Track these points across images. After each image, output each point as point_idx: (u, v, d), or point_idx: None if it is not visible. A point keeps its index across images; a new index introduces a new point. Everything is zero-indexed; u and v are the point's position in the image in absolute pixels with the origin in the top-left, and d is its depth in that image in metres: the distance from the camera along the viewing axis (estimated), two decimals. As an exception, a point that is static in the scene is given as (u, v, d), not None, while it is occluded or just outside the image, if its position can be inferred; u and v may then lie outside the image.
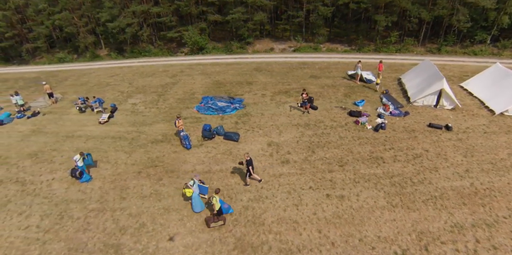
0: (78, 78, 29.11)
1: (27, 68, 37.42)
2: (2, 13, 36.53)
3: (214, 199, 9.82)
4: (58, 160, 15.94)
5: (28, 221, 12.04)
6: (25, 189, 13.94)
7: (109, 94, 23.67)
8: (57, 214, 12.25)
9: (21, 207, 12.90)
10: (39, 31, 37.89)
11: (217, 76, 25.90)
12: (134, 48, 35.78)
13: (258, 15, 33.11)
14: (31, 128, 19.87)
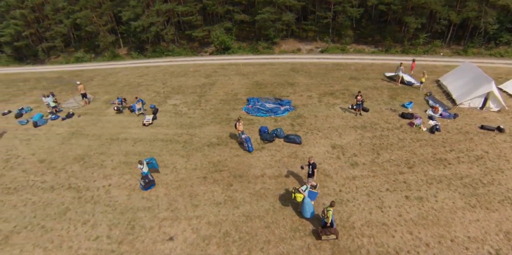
0: (105, 78, 28.33)
1: (44, 67, 36.58)
2: (20, 12, 35.71)
3: (329, 212, 9.34)
4: (109, 165, 15.16)
5: (96, 231, 11.26)
6: (82, 196, 13.17)
7: (144, 95, 22.92)
8: (126, 224, 11.49)
9: (82, 215, 12.12)
10: (57, 30, 37.07)
11: (255, 77, 25.24)
12: (156, 47, 35.03)
13: (286, 15, 32.63)
14: (69, 130, 19.08)
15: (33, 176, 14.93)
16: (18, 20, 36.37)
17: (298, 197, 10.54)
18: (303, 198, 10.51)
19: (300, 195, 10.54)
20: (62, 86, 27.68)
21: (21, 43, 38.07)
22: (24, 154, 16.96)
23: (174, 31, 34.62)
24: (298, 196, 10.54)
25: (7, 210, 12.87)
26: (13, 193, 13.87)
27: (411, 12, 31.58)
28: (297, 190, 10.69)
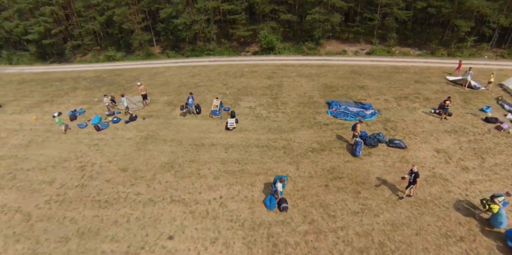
0: (152, 78, 26.96)
1: (74, 66, 35.05)
2: (50, 9, 34.27)
3: None
4: (208, 174, 13.80)
5: (233, 251, 9.91)
6: (194, 211, 11.79)
7: (209, 96, 21.62)
8: (265, 241, 10.21)
9: (205, 233, 10.75)
10: (88, 27, 35.63)
11: (320, 79, 24.16)
12: (195, 46, 33.73)
13: (334, 16, 31.81)
14: (139, 134, 17.68)
15: (121, 187, 13.49)
16: (47, 17, 34.84)
17: (494, 208, 10.04)
18: (499, 209, 10.00)
19: (496, 206, 10.01)
20: (107, 85, 26.25)
21: (49, 41, 36.54)
22: (99, 161, 15.51)
23: (216, 30, 33.33)
24: (494, 207, 10.04)
25: (108, 227, 11.44)
26: (107, 207, 12.42)
27: (460, 15, 31.25)
28: (491, 201, 10.11)
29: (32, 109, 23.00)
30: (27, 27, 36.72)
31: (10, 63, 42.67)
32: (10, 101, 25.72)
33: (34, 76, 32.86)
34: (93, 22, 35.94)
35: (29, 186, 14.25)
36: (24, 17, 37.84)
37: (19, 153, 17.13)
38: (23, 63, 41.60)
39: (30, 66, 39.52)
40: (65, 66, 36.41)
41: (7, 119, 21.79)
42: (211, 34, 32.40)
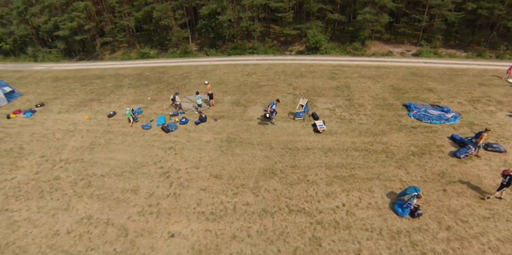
0: (203, 76, 25.55)
1: (108, 63, 33.63)
2: (85, 4, 32.95)
3: None
4: (318, 180, 12.43)
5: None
6: (321, 221, 10.63)
7: (279, 96, 20.21)
8: (411, 250, 9.39)
9: (345, 244, 9.50)
10: (122, 23, 34.27)
11: (384, 81, 22.94)
12: (238, 44, 32.35)
13: (383, 16, 30.64)
14: (217, 136, 16.25)
15: (223, 196, 11.99)
16: (82, 12, 33.50)
17: None
18: None
19: None
20: (155, 83, 24.83)
21: (80, 37, 35.15)
22: (183, 167, 14.03)
23: (261, 28, 32.01)
24: None
25: (228, 243, 9.98)
26: (216, 219, 10.92)
27: (510, 17, 30.22)
28: None
29: (80, 108, 21.51)
30: (58, 23, 35.34)
31: (35, 60, 41.29)
32: (52, 99, 24.25)
33: (67, 74, 31.43)
34: (127, 18, 34.58)
35: (110, 195, 12.70)
36: (53, 12, 36.50)
37: (84, 157, 15.61)
38: (48, 60, 40.23)
39: (57, 63, 38.14)
40: (96, 63, 35.04)
41: (57, 119, 20.31)
42: (257, 32, 31.03)
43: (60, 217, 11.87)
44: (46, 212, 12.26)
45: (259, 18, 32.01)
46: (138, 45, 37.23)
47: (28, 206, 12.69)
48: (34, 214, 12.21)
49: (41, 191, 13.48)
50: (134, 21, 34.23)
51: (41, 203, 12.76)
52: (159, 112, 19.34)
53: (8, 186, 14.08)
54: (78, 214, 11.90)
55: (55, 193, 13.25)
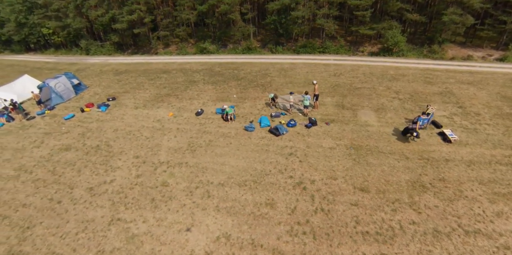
0: (284, 75, 23.48)
1: (167, 58, 32.12)
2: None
3: None
4: (478, 197, 10.75)
5: None
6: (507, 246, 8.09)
7: (384, 100, 17.84)
8: None
9: None
10: (183, 16, 32.67)
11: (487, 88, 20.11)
12: (308, 42, 30.11)
13: (467, 18, 27.67)
14: (339, 143, 14.20)
15: (381, 213, 10.00)
16: (142, 5, 32.13)
17: None
18: None
19: None
20: (234, 80, 22.95)
21: (138, 30, 33.80)
22: (317, 177, 11.92)
23: (336, 26, 29.67)
24: None
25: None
26: (387, 241, 9.03)
27: None
28: None
29: (158, 104, 19.74)
30: (117, 16, 34.14)
31: (86, 53, 40.48)
32: (121, 93, 22.68)
33: (126, 67, 30.08)
34: (188, 11, 32.97)
35: (242, 209, 10.59)
36: (110, 6, 35.38)
37: (188, 160, 13.64)
38: (100, 54, 39.28)
39: (110, 57, 37.10)
40: (153, 57, 33.69)
41: (136, 115, 18.60)
42: (331, 30, 28.69)
43: (189, 234, 9.82)
44: (168, 226, 10.25)
45: (332, 16, 29.68)
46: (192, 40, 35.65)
47: (143, 217, 10.73)
48: (155, 228, 10.23)
49: (152, 200, 11.52)
50: (196, 15, 32.55)
51: (158, 215, 10.77)
52: (255, 112, 17.27)
53: (111, 190, 12.23)
54: (211, 232, 9.82)
55: (170, 203, 11.24)
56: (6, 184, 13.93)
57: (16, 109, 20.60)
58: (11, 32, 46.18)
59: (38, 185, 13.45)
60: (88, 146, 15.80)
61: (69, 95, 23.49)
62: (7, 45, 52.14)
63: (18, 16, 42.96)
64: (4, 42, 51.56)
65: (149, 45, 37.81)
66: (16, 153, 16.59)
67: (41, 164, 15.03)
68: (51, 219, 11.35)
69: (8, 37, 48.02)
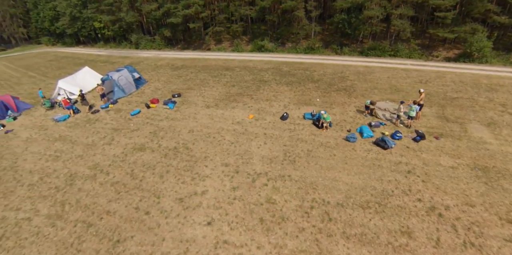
0: (365, 80, 21.17)
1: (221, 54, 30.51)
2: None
3: None
4: None
5: None
6: None
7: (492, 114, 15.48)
8: None
9: None
10: (241, 12, 31.02)
11: None
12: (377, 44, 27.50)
13: None
14: (458, 161, 11.91)
15: None
16: (199, 0, 30.89)
17: None
18: None
19: None
20: (310, 82, 20.94)
21: (194, 25, 32.52)
22: (450, 202, 9.89)
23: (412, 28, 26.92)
24: None
25: None
26: None
27: None
28: None
29: (231, 104, 18.03)
30: (172, 10, 33.06)
31: (136, 47, 39.86)
32: (185, 89, 21.23)
33: (183, 62, 28.80)
34: (247, 7, 31.29)
35: (375, 237, 8.64)
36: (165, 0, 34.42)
37: (290, 173, 11.69)
38: (150, 48, 38.46)
39: (160, 51, 36.27)
40: (206, 53, 32.36)
41: (210, 115, 16.94)
42: (406, 32, 25.96)
43: (323, 271, 7.75)
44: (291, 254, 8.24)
45: (408, 16, 26.95)
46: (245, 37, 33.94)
47: (256, 242, 8.87)
48: (275, 258, 8.24)
49: (260, 220, 9.60)
50: (256, 11, 30.81)
51: (274, 240, 8.85)
52: (348, 119, 15.10)
53: (206, 204, 10.44)
54: (351, 270, 7.69)
55: (284, 226, 9.28)
56: (84, 185, 12.59)
57: (84, 100, 19.63)
58: (65, 26, 46.84)
59: (118, 189, 11.95)
60: (164, 148, 14.24)
61: (130, 89, 22.36)
62: (60, 38, 53.12)
63: (73, 10, 43.32)
64: (58, 35, 52.53)
65: (199, 41, 36.60)
66: (87, 149, 15.36)
67: (116, 164, 13.61)
68: (143, 233, 9.71)
69: (62, 30, 48.79)
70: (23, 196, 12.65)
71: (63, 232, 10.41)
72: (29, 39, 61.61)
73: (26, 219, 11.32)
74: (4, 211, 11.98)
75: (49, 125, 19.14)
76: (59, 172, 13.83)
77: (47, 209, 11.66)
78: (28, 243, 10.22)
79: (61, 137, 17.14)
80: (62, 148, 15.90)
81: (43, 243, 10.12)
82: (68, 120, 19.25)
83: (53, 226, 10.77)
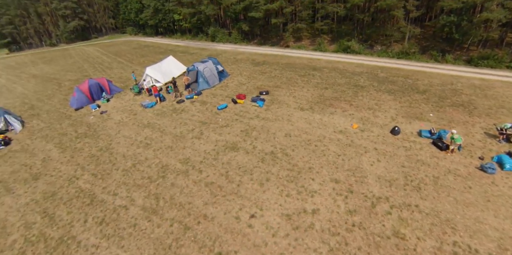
0: (485, 95, 17.43)
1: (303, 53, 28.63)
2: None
3: None
4: None
5: None
6: None
7: None
8: None
9: None
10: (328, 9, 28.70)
11: None
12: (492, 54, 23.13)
13: None
14: None
15: None
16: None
17: None
18: None
19: None
20: (418, 93, 17.99)
21: (276, 20, 31.14)
22: None
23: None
24: None
25: None
26: None
27: None
28: None
29: (328, 109, 16.22)
30: (255, 4, 32.08)
31: (212, 40, 39.99)
32: (272, 87, 20.06)
33: (264, 58, 27.72)
34: (336, 4, 28.89)
35: None
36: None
37: (418, 202, 9.59)
38: (226, 41, 38.21)
39: (237, 45, 35.76)
40: (286, 50, 30.88)
41: (306, 119, 15.30)
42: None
43: None
44: None
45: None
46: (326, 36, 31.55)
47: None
48: None
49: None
50: (346, 9, 28.32)
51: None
52: (477, 144, 12.22)
53: (319, 227, 8.85)
54: None
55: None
56: (176, 180, 11.91)
57: (176, 87, 19.57)
58: (147, 17, 49.67)
59: (214, 191, 10.96)
60: (260, 151, 12.98)
61: (213, 82, 21.81)
62: (141, 29, 56.77)
63: (156, 3, 45.43)
64: (140, 26, 56.19)
65: (277, 37, 35.24)
66: (176, 140, 14.87)
67: (208, 162, 12.73)
68: (248, 250, 8.47)
69: (144, 22, 51.93)
70: (118, 181, 12.47)
71: (159, 230, 9.71)
72: (116, 28, 67.55)
73: (123, 207, 10.96)
74: (103, 193, 11.87)
75: (138, 110, 19.38)
76: (151, 162, 13.47)
77: (142, 200, 11.19)
78: (126, 234, 9.74)
79: (150, 124, 17.07)
80: (151, 136, 15.70)
81: (141, 238, 9.53)
82: (155, 108, 19.28)
83: (149, 220, 10.18)
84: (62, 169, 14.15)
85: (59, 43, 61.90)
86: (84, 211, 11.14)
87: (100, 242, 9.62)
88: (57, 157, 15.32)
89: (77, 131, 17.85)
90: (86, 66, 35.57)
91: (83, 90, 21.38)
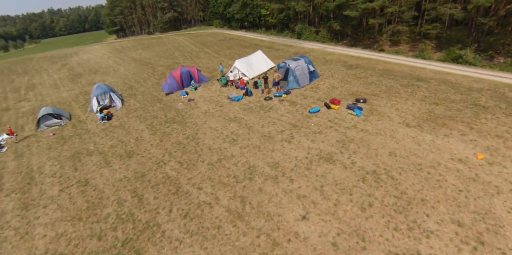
0: None
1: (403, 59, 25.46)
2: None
3: None
4: None
5: None
6: None
7: None
8: None
9: None
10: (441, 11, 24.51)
11: None
12: None
13: None
14: None
15: None
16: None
17: None
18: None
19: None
20: None
21: (374, 21, 28.13)
22: None
23: None
24: None
25: None
26: None
27: None
28: None
29: (441, 129, 13.63)
30: (351, 2, 29.42)
31: (297, 37, 38.59)
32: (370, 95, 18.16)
33: (357, 61, 25.39)
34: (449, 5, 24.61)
35: None
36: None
37: None
38: (313, 40, 36.40)
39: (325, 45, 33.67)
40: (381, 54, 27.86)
41: (417, 138, 12.77)
42: None
43: None
44: None
45: None
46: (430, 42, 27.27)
47: None
48: None
49: None
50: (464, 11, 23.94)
51: None
52: None
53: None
54: None
55: None
56: (264, 185, 11.01)
57: (266, 83, 18.88)
58: (234, 11, 50.89)
59: (307, 207, 9.71)
60: (359, 167, 11.25)
61: (304, 82, 20.50)
62: (227, 22, 58.66)
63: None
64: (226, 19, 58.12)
65: (369, 39, 32.08)
66: (264, 141, 14.03)
67: (300, 171, 11.52)
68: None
69: (231, 15, 53.41)
70: (203, 175, 12.16)
71: (245, 239, 8.89)
72: (203, 21, 72.23)
73: (208, 204, 10.51)
74: (188, 185, 11.67)
75: (224, 102, 19.23)
76: (237, 159, 12.89)
77: (227, 200, 10.59)
78: (210, 236, 9.19)
79: (236, 119, 16.64)
80: (237, 132, 15.21)
81: (225, 243, 8.85)
82: (242, 102, 18.87)
83: (234, 225, 9.47)
84: (152, 151, 14.59)
85: (155, 32, 68.79)
86: (170, 199, 11.04)
87: (184, 238, 9.27)
88: (148, 138, 15.95)
89: (167, 115, 18.50)
90: (177, 54, 37.71)
91: (175, 76, 22.21)
